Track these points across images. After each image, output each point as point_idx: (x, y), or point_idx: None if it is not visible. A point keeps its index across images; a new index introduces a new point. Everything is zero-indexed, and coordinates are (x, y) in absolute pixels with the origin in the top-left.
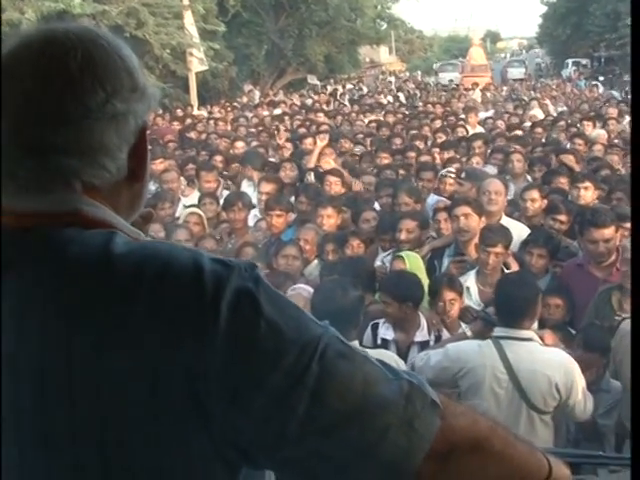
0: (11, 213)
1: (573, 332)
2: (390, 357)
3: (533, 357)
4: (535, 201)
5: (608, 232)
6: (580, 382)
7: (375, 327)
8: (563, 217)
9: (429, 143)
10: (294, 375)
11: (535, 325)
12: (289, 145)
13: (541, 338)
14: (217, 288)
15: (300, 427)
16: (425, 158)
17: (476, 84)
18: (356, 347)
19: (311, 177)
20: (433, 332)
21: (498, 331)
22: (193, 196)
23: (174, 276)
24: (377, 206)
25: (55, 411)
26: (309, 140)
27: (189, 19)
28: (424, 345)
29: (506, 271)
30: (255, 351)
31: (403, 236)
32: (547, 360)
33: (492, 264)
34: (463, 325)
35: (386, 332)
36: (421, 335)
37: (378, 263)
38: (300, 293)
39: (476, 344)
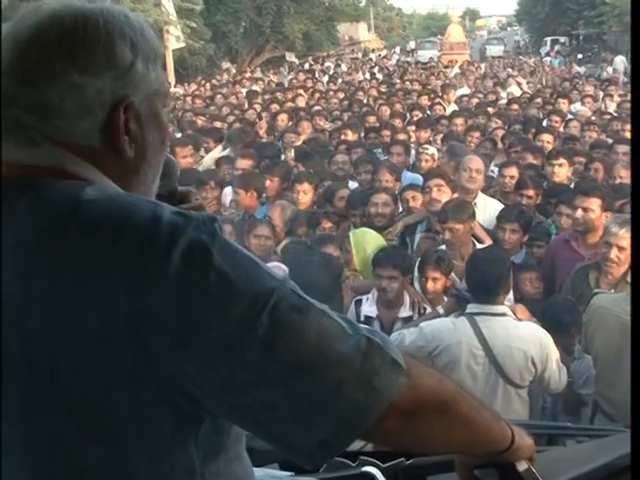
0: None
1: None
2: None
3: (508, 332)
4: (514, 178)
5: (590, 202)
6: (554, 355)
7: (358, 303)
8: (531, 192)
9: (405, 121)
10: (243, 324)
11: (511, 297)
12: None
13: (513, 312)
14: (172, 236)
15: (248, 375)
16: (401, 136)
17: (454, 61)
18: (316, 303)
19: (291, 154)
20: (417, 308)
21: (472, 307)
22: None
23: (132, 224)
24: (352, 184)
25: (9, 340)
26: (283, 116)
27: None
28: (407, 321)
29: (478, 246)
30: (203, 298)
31: (373, 210)
32: (522, 334)
33: (450, 239)
34: None
35: (369, 309)
36: (405, 311)
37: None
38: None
39: (450, 321)
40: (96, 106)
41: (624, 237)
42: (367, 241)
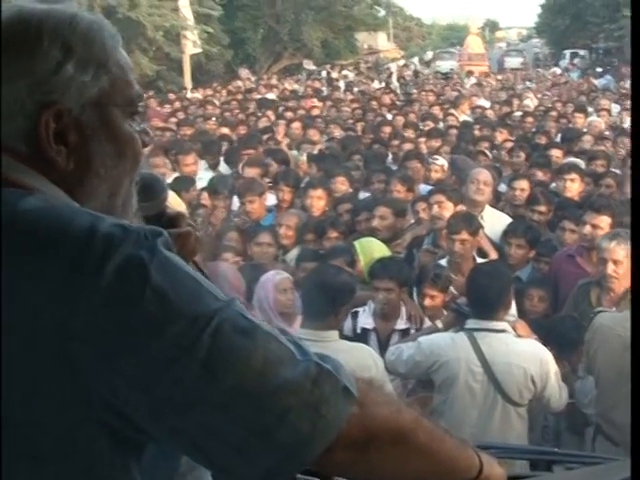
0: None
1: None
2: (362, 349)
3: (508, 349)
4: (524, 191)
5: (600, 219)
6: (554, 373)
7: (355, 315)
8: (542, 208)
9: (417, 131)
10: (181, 345)
11: (514, 312)
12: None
13: (514, 328)
14: (106, 250)
15: (185, 397)
16: (407, 146)
17: (470, 72)
18: (264, 325)
19: (303, 157)
20: (414, 321)
21: (471, 323)
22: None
23: (66, 237)
24: (363, 194)
25: None
26: (296, 124)
27: (184, 1)
28: (404, 333)
29: (479, 261)
30: (136, 316)
31: (374, 223)
32: (522, 352)
33: (459, 251)
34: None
35: (366, 321)
36: (402, 323)
37: None
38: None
39: (449, 337)
40: (15, 112)
41: (616, 250)
42: (374, 249)
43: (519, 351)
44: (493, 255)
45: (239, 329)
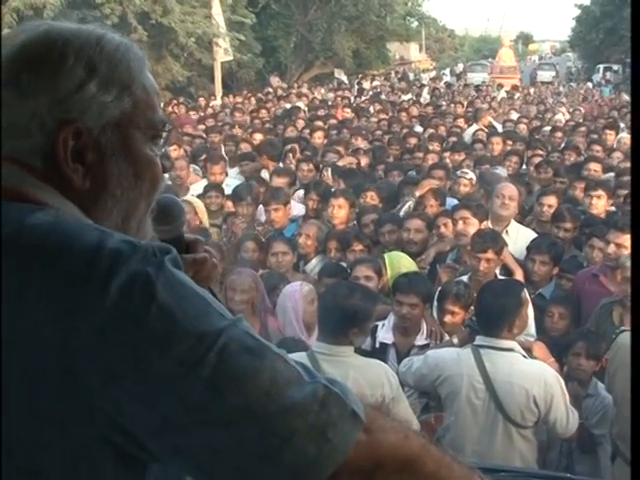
0: None
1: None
2: (376, 366)
3: (511, 368)
4: (552, 207)
5: (624, 238)
6: (562, 397)
7: (374, 330)
8: (568, 225)
9: (443, 144)
10: (186, 363)
11: (533, 332)
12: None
13: (529, 349)
14: (112, 267)
15: (189, 415)
16: (432, 158)
17: (501, 85)
18: (271, 345)
19: (328, 173)
20: (434, 337)
21: (478, 340)
22: (199, 185)
23: (72, 252)
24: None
25: None
26: (319, 134)
27: (217, 9)
28: (424, 349)
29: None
30: (141, 333)
31: (405, 235)
32: (526, 372)
33: (483, 270)
34: None
35: (385, 335)
36: (421, 339)
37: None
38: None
39: (455, 352)
40: (32, 127)
41: None
42: (402, 263)
43: (523, 371)
44: (519, 273)
45: (246, 348)
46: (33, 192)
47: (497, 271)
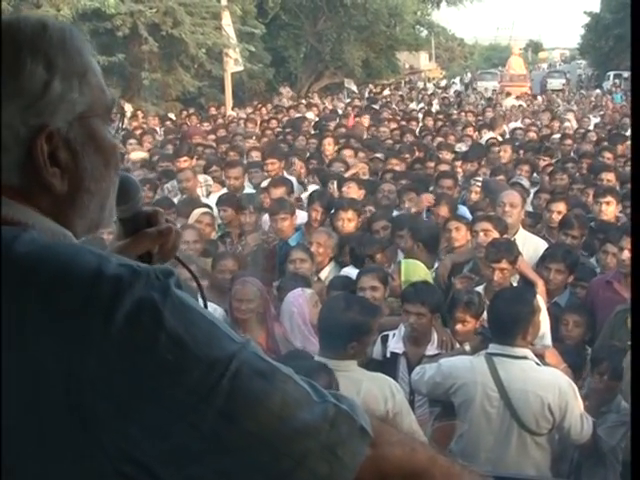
0: None
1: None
2: (380, 380)
3: (526, 376)
4: (561, 213)
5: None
6: (576, 404)
7: (385, 339)
8: (575, 232)
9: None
10: (199, 392)
11: (549, 341)
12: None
13: (542, 356)
14: (115, 295)
15: (202, 444)
16: (443, 167)
17: (509, 93)
18: (280, 366)
19: (334, 185)
20: (445, 347)
21: (492, 347)
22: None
23: (70, 279)
24: (395, 213)
25: None
26: (329, 140)
27: (227, 20)
28: (435, 359)
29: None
30: (151, 363)
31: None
32: (540, 380)
33: (498, 280)
34: None
35: (396, 345)
36: (432, 349)
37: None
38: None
39: (468, 360)
40: (8, 142)
41: None
42: (417, 273)
43: (538, 379)
44: (539, 283)
45: (257, 372)
46: (7, 213)
47: (515, 282)
